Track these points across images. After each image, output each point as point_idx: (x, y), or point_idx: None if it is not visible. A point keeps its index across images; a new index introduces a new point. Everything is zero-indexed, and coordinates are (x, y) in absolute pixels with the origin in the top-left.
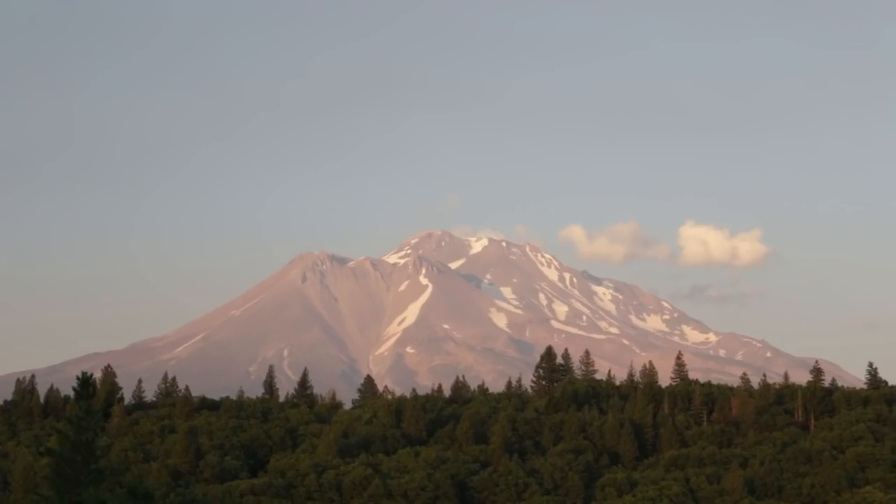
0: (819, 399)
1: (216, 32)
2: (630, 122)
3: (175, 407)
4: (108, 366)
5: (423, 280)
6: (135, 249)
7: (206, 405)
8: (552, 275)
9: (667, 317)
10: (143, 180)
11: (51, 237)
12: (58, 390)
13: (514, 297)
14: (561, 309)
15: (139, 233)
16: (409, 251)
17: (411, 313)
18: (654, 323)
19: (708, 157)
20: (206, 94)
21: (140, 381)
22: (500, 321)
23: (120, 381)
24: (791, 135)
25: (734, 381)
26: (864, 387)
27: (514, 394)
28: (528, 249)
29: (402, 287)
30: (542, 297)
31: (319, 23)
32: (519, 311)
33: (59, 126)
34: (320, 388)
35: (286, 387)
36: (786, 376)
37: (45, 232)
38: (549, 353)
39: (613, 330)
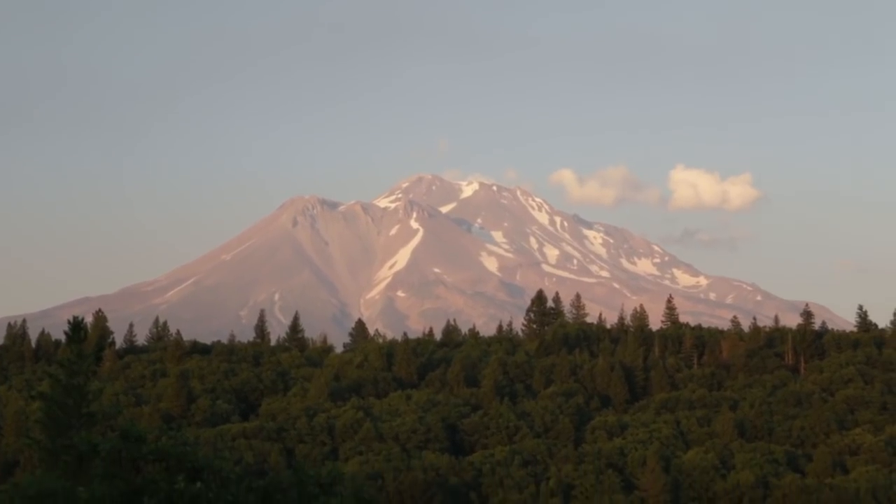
0: (809, 342)
1: None
2: (621, 65)
3: (166, 351)
4: (99, 310)
5: (414, 224)
6: (126, 194)
7: (198, 349)
8: (543, 218)
9: (657, 260)
10: (134, 124)
11: (41, 182)
12: (49, 335)
13: (504, 240)
14: (552, 253)
15: (130, 177)
16: (399, 195)
17: (402, 257)
18: (644, 267)
19: (699, 101)
20: (199, 37)
21: (131, 326)
22: (491, 265)
23: (111, 325)
24: (782, 78)
25: (724, 325)
26: (854, 330)
27: (504, 337)
28: (518, 193)
29: (393, 231)
30: (532, 240)
31: None
32: (510, 255)
33: (51, 69)
34: (311, 332)
35: (277, 331)
36: (776, 319)
37: (35, 176)
38: (539, 297)
39: (604, 273)
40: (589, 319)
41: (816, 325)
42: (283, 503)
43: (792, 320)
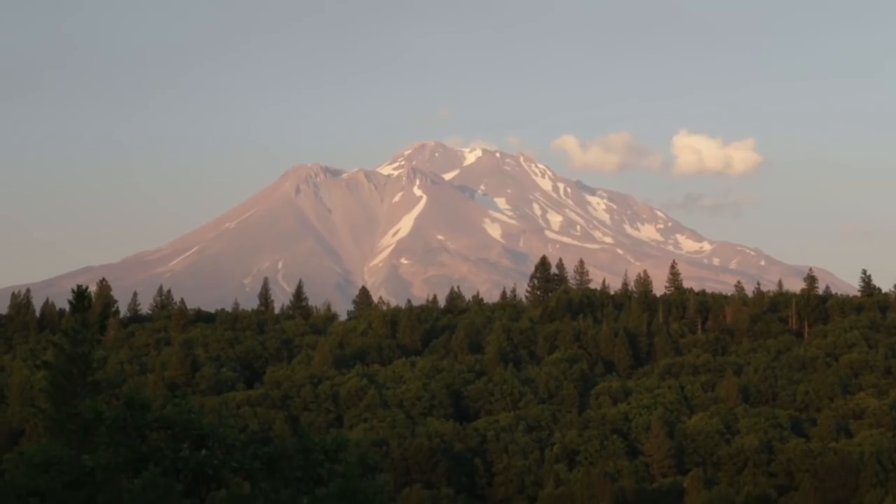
0: (813, 306)
1: None
2: (623, 31)
3: (170, 320)
4: (103, 279)
5: (417, 191)
6: (129, 163)
7: (202, 318)
8: (546, 185)
9: (661, 226)
10: (137, 94)
11: (44, 151)
12: (53, 304)
13: (507, 207)
14: (555, 219)
15: (133, 146)
16: (402, 162)
17: (405, 224)
18: (648, 232)
19: (701, 66)
20: (201, 6)
21: (135, 295)
22: (495, 231)
23: (115, 294)
24: (785, 43)
25: (728, 290)
26: (858, 294)
27: (508, 304)
28: (521, 160)
29: (396, 198)
30: (535, 207)
31: None
32: (513, 222)
33: (54, 39)
34: (315, 300)
35: (281, 299)
36: (780, 284)
37: (38, 146)
38: (543, 263)
39: (607, 239)
40: (592, 285)
41: (820, 290)
42: (289, 470)
43: (796, 285)
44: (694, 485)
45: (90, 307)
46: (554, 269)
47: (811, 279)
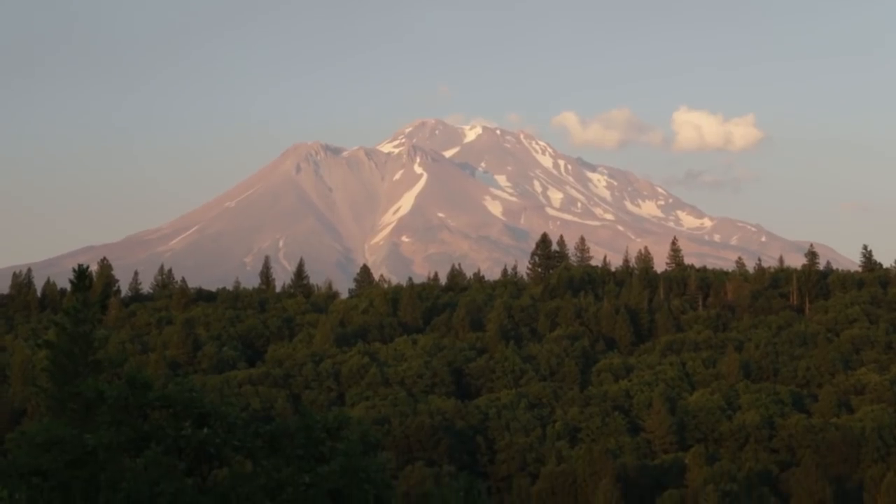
0: (814, 282)
1: None
2: (624, 8)
3: (172, 299)
4: (104, 258)
5: (418, 169)
6: (129, 142)
7: (203, 297)
8: (546, 162)
9: (661, 202)
10: (138, 72)
11: (45, 130)
12: (54, 283)
13: (508, 184)
14: (556, 196)
15: (134, 125)
16: (403, 140)
17: (406, 202)
18: (648, 209)
19: (702, 43)
20: None
21: (136, 274)
22: (495, 209)
23: (116, 273)
24: (786, 19)
25: (729, 266)
26: (859, 269)
27: (509, 281)
28: (521, 137)
29: (397, 176)
30: (536, 184)
31: None
32: (514, 199)
33: (56, 16)
34: (316, 278)
35: (282, 277)
36: (781, 260)
37: (39, 125)
38: (544, 241)
39: (608, 216)
40: (593, 262)
41: (821, 266)
42: (290, 448)
43: (796, 261)
44: (695, 461)
45: (91, 286)
46: (555, 247)
47: (812, 255)
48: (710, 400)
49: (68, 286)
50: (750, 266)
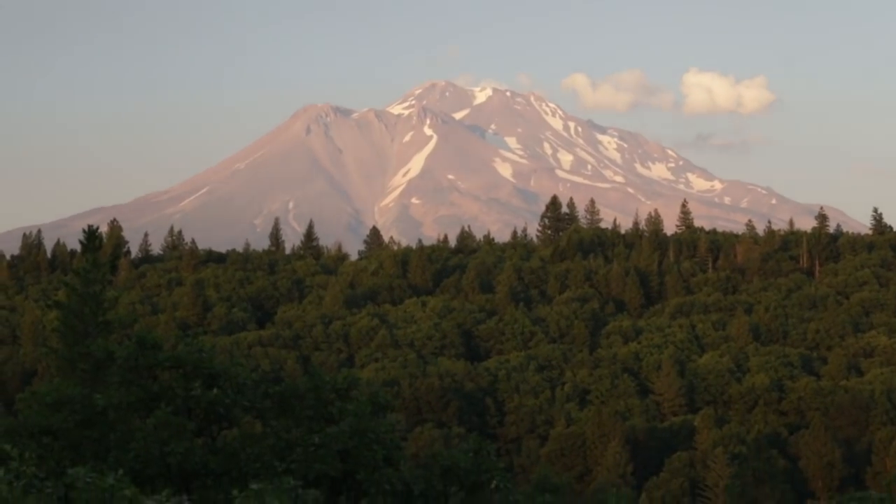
0: (824, 245)
1: None
2: None
3: (182, 260)
4: (114, 220)
5: (428, 131)
6: (141, 103)
7: (213, 258)
8: (556, 124)
9: (672, 165)
10: (149, 34)
11: (56, 92)
12: (64, 244)
13: (518, 146)
14: (566, 158)
15: (144, 87)
16: (412, 102)
17: (416, 164)
18: (658, 171)
19: (712, 3)
20: None
21: (146, 235)
22: (505, 171)
23: (126, 235)
24: None
25: (739, 229)
26: (869, 232)
27: (519, 243)
28: (532, 99)
29: (407, 138)
30: (546, 146)
31: None
32: (524, 161)
33: None
34: (326, 240)
35: (292, 239)
36: (791, 223)
37: (51, 87)
38: (554, 203)
39: (618, 178)
40: (603, 225)
41: (831, 228)
42: (300, 409)
43: (807, 223)
44: (705, 423)
45: (101, 247)
46: (565, 209)
47: (822, 218)
48: (719, 362)
49: (78, 247)
50: (760, 229)
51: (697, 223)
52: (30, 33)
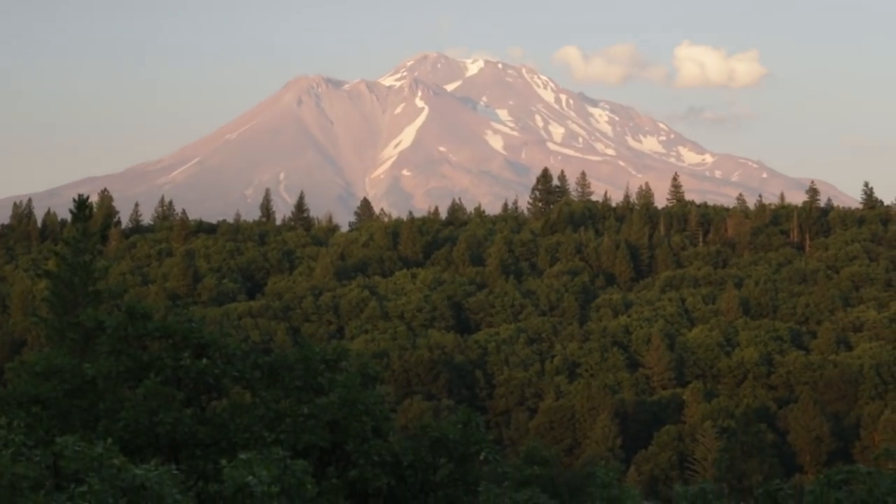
0: (814, 219)
1: None
2: None
3: (172, 231)
4: (105, 189)
5: (419, 103)
6: (131, 73)
7: (203, 229)
8: (548, 96)
9: (663, 138)
10: (140, 4)
11: (47, 61)
12: (55, 214)
13: (509, 119)
14: (557, 131)
15: (135, 56)
16: (404, 73)
17: (407, 136)
18: (650, 144)
19: None
20: None
21: (137, 205)
22: (496, 143)
23: (116, 205)
24: None
25: (730, 202)
26: (860, 207)
27: (510, 216)
28: (523, 71)
29: (398, 110)
30: (538, 118)
31: None
32: (515, 133)
33: None
34: (317, 212)
35: (283, 210)
36: (781, 197)
37: (41, 56)
38: (545, 175)
39: (609, 152)
40: (594, 198)
41: (822, 203)
42: (289, 380)
43: (797, 198)
44: (694, 397)
45: (91, 217)
46: (556, 181)
47: (813, 192)
48: (708, 336)
49: (69, 217)
50: (751, 203)
51: (688, 197)
52: (16, 2)
